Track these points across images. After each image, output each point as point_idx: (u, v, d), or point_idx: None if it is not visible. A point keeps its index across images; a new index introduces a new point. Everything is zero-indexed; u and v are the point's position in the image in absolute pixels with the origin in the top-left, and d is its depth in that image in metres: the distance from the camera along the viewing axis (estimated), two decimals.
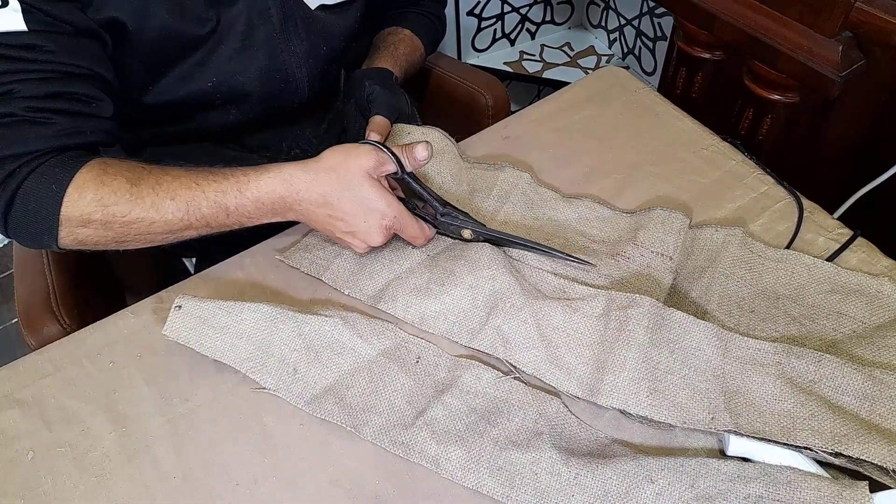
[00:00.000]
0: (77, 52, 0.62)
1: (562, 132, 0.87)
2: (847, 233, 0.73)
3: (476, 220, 0.68)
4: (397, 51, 0.93)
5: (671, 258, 0.69)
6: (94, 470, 0.56)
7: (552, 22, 2.12)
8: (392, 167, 0.65)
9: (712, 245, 0.71)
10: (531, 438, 0.56)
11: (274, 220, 0.65)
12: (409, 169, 0.66)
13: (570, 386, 0.60)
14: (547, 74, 1.99)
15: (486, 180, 0.79)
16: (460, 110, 1.09)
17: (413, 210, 0.67)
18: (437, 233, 0.71)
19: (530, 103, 0.94)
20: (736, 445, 0.55)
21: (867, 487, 0.50)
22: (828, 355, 0.59)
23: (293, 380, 0.60)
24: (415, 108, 0.87)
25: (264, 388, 0.60)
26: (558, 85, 1.89)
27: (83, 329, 0.66)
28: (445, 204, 0.68)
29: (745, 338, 0.61)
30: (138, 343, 0.65)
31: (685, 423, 0.56)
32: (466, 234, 0.68)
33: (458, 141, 0.86)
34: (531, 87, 2.05)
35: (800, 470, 0.52)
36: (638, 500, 0.52)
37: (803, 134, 1.04)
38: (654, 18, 1.83)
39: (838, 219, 0.75)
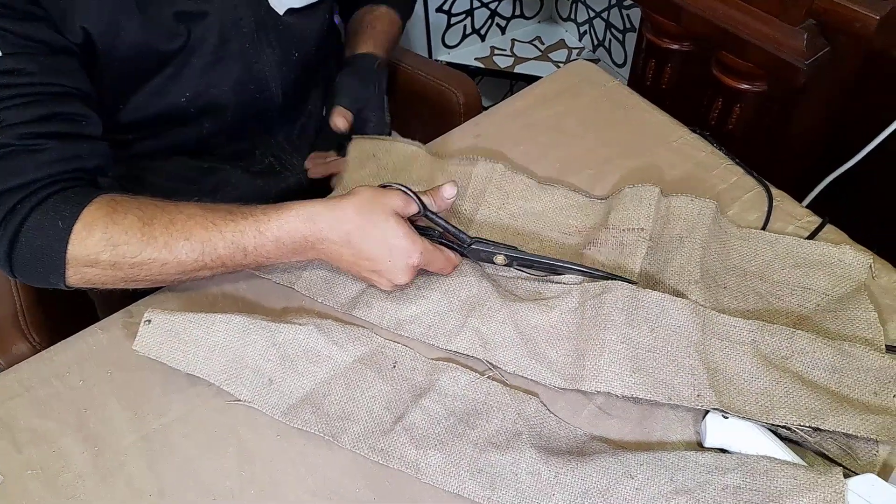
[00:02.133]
0: (57, 70, 0.61)
1: (532, 128, 0.87)
2: (816, 220, 0.73)
3: (508, 245, 0.67)
4: (375, 29, 0.93)
5: (643, 229, 0.69)
6: (67, 491, 0.55)
7: (522, 16, 2.13)
8: (415, 208, 0.64)
9: (688, 215, 0.71)
10: (510, 439, 0.56)
11: (293, 259, 0.63)
12: (435, 209, 0.65)
13: (552, 378, 0.60)
14: (518, 69, 2.00)
15: (461, 178, 0.78)
16: (431, 109, 1.08)
17: (438, 237, 0.66)
18: (468, 260, 0.69)
19: (503, 98, 0.94)
20: (713, 437, 0.56)
21: (841, 473, 0.50)
22: (800, 331, 0.61)
23: (268, 390, 0.60)
24: (384, 94, 0.88)
25: (239, 401, 0.60)
26: (530, 80, 1.89)
27: (51, 347, 0.65)
28: (471, 235, 0.67)
29: (722, 315, 0.62)
30: (108, 359, 0.64)
31: (671, 399, 0.57)
32: (500, 259, 0.66)
33: (429, 141, 0.85)
34: (503, 83, 2.05)
35: (776, 459, 0.53)
36: (618, 496, 0.52)
37: (772, 123, 1.05)
38: (623, 10, 1.84)
39: (807, 206, 0.76)
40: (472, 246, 0.66)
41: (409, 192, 0.63)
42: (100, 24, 0.63)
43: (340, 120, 0.83)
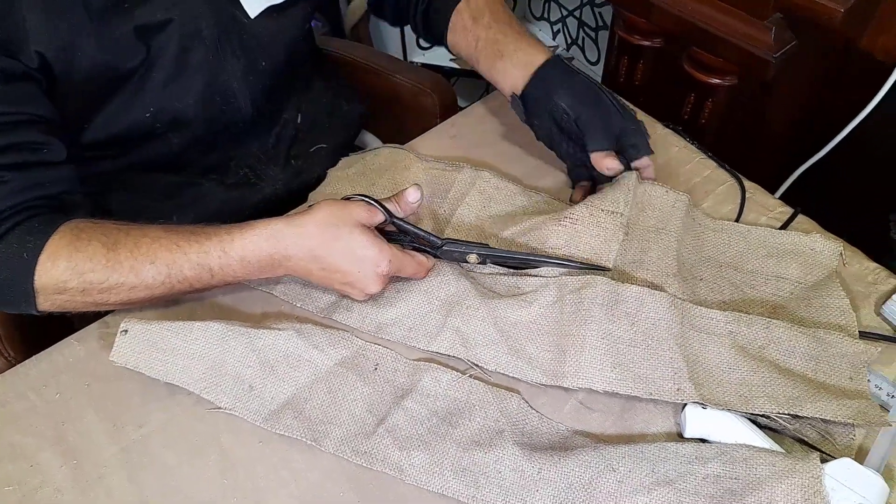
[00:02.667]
0: (13, 98, 0.60)
1: (508, 128, 0.87)
2: (788, 211, 0.74)
3: (479, 243, 0.67)
4: (498, 25, 0.78)
5: (622, 214, 0.68)
6: None
7: None
8: (381, 217, 0.64)
9: (663, 205, 0.71)
10: (493, 437, 0.57)
11: (262, 277, 0.63)
12: (401, 215, 0.66)
13: (533, 375, 0.60)
14: None
15: (444, 183, 0.78)
16: (407, 111, 1.08)
17: (409, 242, 0.66)
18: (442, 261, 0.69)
19: (479, 98, 0.94)
20: (693, 427, 0.56)
21: (818, 459, 0.51)
22: (776, 321, 0.62)
23: (249, 397, 0.59)
24: (613, 95, 0.73)
25: (220, 408, 0.59)
26: None
27: (26, 361, 0.64)
28: (442, 236, 0.67)
29: (699, 307, 0.63)
30: (85, 371, 0.63)
31: (652, 394, 0.57)
32: (472, 258, 0.66)
33: (405, 142, 0.85)
34: (479, 83, 2.05)
35: (755, 447, 0.53)
36: (601, 489, 0.53)
37: (744, 116, 1.07)
38: (595, 8, 1.85)
39: (780, 197, 0.77)
40: (444, 247, 0.66)
41: (371, 201, 0.63)
42: (54, 47, 0.62)
43: (610, 162, 0.70)
